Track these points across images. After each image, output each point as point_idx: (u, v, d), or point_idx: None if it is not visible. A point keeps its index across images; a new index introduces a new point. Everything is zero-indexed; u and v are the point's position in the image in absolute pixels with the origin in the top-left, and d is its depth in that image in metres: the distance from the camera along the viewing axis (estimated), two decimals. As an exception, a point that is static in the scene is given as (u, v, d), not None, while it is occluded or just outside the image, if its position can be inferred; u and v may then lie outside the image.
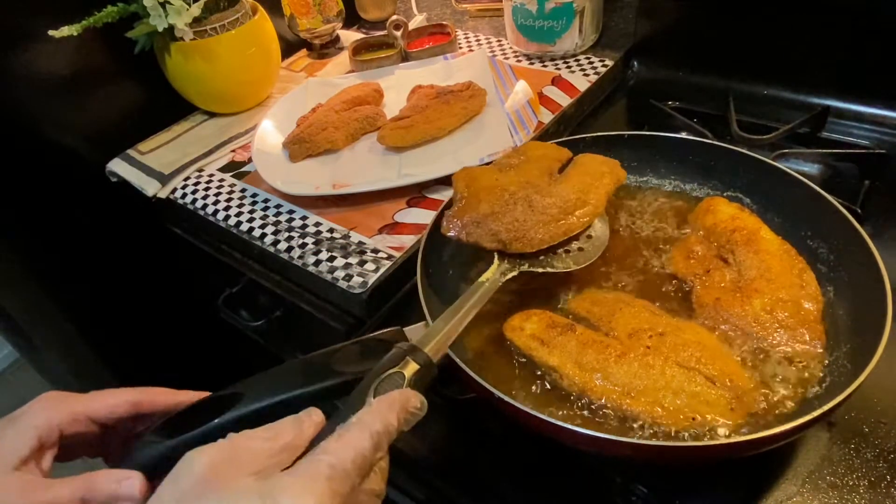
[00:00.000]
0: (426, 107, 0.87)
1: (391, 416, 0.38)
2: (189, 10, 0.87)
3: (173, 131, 1.02)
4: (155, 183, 0.92)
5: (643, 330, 0.52)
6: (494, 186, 0.60)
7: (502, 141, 0.81)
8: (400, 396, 0.40)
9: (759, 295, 0.53)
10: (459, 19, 1.20)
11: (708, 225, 0.61)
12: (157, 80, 0.97)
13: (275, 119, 0.94)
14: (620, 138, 0.69)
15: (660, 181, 0.70)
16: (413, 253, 0.70)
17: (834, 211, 0.55)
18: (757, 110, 0.82)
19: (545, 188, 0.59)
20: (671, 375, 0.48)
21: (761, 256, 0.56)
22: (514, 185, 0.60)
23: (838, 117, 0.79)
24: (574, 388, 0.50)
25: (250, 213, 0.83)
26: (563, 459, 0.52)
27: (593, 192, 0.59)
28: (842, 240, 0.54)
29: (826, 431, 0.50)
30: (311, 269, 0.73)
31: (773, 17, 0.81)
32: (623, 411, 0.48)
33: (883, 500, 0.46)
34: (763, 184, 0.63)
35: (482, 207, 0.58)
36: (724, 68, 0.87)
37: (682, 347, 0.50)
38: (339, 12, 1.11)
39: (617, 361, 0.50)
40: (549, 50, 0.98)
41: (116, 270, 1.04)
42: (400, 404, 0.39)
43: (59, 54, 0.89)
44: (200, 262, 0.92)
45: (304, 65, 1.15)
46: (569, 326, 0.53)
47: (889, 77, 0.76)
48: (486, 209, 0.57)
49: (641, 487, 0.49)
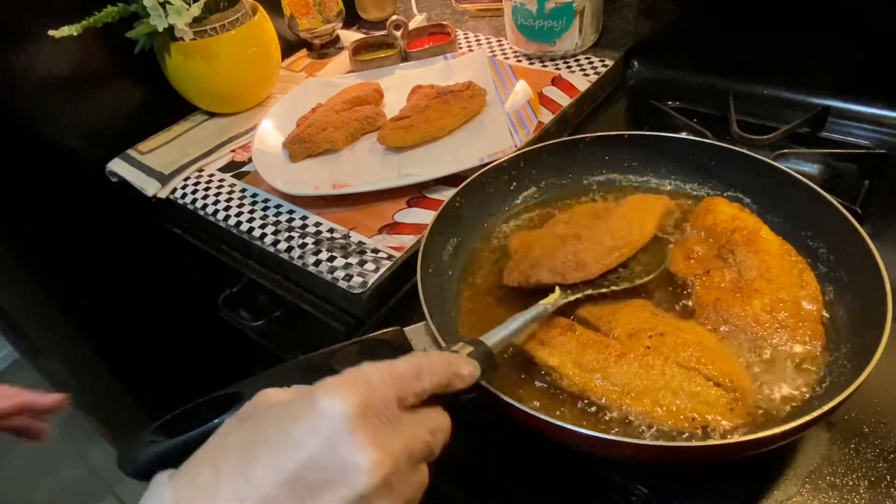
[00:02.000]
0: (426, 107, 0.87)
1: (438, 364, 0.38)
2: (189, 10, 0.87)
3: (173, 131, 1.02)
4: (155, 183, 0.92)
5: (643, 330, 0.52)
6: (545, 234, 0.62)
7: (502, 141, 0.81)
8: (454, 357, 0.40)
9: (759, 295, 0.53)
10: (459, 19, 1.20)
11: (708, 225, 0.61)
12: (157, 80, 0.97)
13: (275, 119, 0.94)
14: (621, 138, 0.69)
15: (660, 181, 0.69)
16: (413, 253, 0.70)
17: (834, 211, 0.55)
18: (757, 110, 0.82)
19: (593, 225, 0.61)
20: (671, 375, 0.48)
21: (761, 256, 0.56)
22: (563, 228, 0.62)
23: (838, 117, 0.79)
24: (574, 388, 0.50)
25: (250, 213, 0.83)
26: (564, 459, 0.52)
27: (643, 218, 0.60)
28: (842, 240, 0.54)
29: (826, 431, 0.50)
30: (311, 269, 0.73)
31: (773, 17, 0.81)
32: (623, 411, 0.48)
33: (883, 500, 0.46)
34: (763, 184, 0.63)
35: (536, 251, 0.59)
36: (724, 68, 0.87)
37: (682, 347, 0.50)
38: (339, 12, 1.11)
39: (617, 361, 0.50)
40: (549, 50, 0.98)
41: (116, 270, 1.04)
42: (450, 361, 0.39)
43: (59, 54, 0.89)
44: (200, 262, 0.92)
45: (304, 65, 1.14)
46: (569, 326, 0.53)
47: (889, 77, 0.76)
48: (540, 252, 0.59)
49: (641, 487, 0.49)
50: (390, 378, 0.35)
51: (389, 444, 0.32)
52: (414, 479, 0.34)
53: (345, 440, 0.31)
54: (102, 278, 1.03)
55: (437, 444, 0.36)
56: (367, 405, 0.32)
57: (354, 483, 0.30)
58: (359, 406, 0.32)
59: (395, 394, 0.34)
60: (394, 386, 0.35)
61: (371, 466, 0.30)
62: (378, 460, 0.31)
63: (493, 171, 0.68)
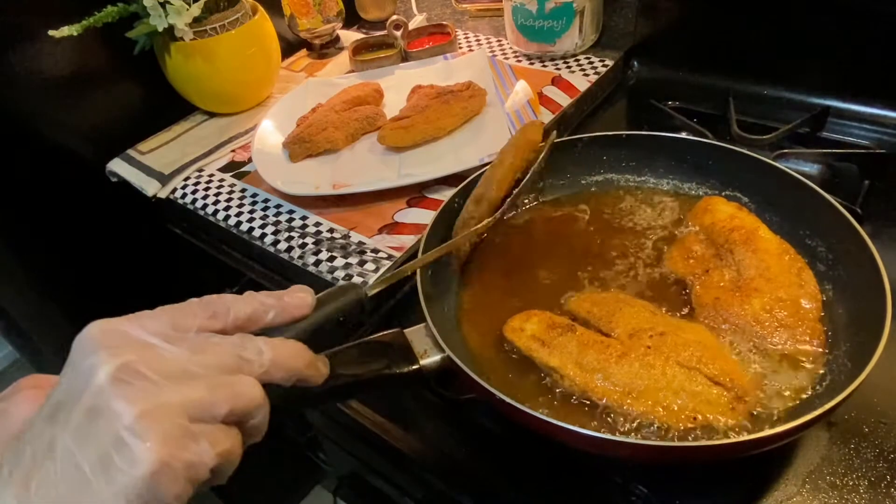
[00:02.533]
0: (426, 107, 0.87)
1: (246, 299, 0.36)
2: (189, 10, 0.87)
3: (173, 131, 1.02)
4: (155, 183, 0.92)
5: (643, 330, 0.52)
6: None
7: (502, 141, 0.81)
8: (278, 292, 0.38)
9: (759, 294, 0.53)
10: (459, 19, 1.20)
11: (706, 224, 0.61)
12: (157, 80, 0.97)
13: (275, 119, 0.94)
14: (619, 138, 0.69)
15: (658, 180, 0.69)
16: (413, 253, 0.70)
17: (833, 211, 0.55)
18: (757, 110, 0.82)
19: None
20: (672, 375, 0.48)
21: (760, 256, 0.56)
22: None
23: (838, 117, 0.79)
24: (575, 388, 0.50)
25: (250, 213, 0.83)
26: (563, 459, 0.52)
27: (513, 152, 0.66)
28: (841, 239, 0.54)
29: (826, 431, 0.50)
30: (311, 269, 0.73)
31: (774, 17, 0.81)
32: (624, 411, 0.48)
33: (883, 500, 0.46)
34: (762, 183, 0.62)
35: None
36: (724, 68, 0.87)
37: (682, 347, 0.50)
38: (339, 12, 1.11)
39: (618, 362, 0.50)
40: (549, 50, 0.98)
41: (117, 270, 1.04)
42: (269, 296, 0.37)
43: (59, 54, 0.89)
44: (200, 262, 0.92)
45: (304, 65, 1.14)
46: (569, 327, 0.53)
47: (889, 77, 0.76)
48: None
49: (641, 487, 0.49)
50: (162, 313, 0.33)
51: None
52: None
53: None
54: (102, 278, 1.03)
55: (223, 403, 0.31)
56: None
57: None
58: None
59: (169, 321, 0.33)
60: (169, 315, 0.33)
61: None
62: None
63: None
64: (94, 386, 0.29)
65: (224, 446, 0.31)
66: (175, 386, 0.30)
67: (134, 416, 0.28)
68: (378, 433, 0.59)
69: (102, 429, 0.28)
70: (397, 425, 0.59)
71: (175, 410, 0.29)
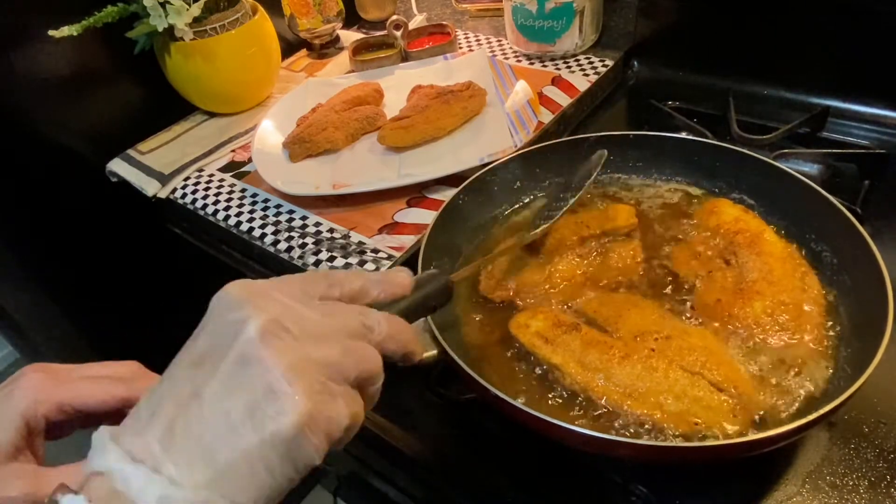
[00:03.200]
0: (426, 107, 0.87)
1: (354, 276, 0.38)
2: (189, 10, 0.87)
3: (173, 131, 1.01)
4: (155, 183, 0.92)
5: (649, 332, 0.52)
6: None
7: (502, 141, 0.81)
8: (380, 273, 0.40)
9: (761, 297, 0.53)
10: (459, 19, 1.20)
11: (712, 226, 0.61)
12: (157, 80, 0.97)
13: (275, 119, 0.94)
14: (626, 138, 0.69)
15: (664, 182, 0.69)
16: (413, 253, 0.70)
17: (834, 211, 0.55)
18: (757, 110, 0.82)
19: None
20: (674, 379, 0.48)
21: (763, 259, 0.56)
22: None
23: (838, 117, 0.79)
24: (576, 387, 0.50)
25: (250, 213, 0.83)
26: (563, 459, 0.52)
27: None
28: (844, 242, 0.54)
29: (826, 432, 0.50)
30: (311, 269, 0.73)
31: (773, 17, 0.81)
32: (624, 412, 0.48)
33: (883, 500, 0.46)
34: (768, 186, 0.62)
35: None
36: (724, 68, 0.87)
37: (687, 351, 0.50)
38: (339, 12, 1.11)
39: (620, 362, 0.50)
40: (549, 50, 0.98)
41: (116, 270, 1.04)
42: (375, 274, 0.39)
43: (59, 54, 0.88)
44: (200, 262, 0.92)
45: (304, 65, 1.14)
46: (574, 326, 0.53)
47: (889, 77, 0.76)
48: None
49: (641, 487, 0.49)
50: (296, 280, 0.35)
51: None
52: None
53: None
54: (102, 278, 1.03)
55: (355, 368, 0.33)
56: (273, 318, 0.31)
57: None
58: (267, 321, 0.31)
59: (316, 297, 0.35)
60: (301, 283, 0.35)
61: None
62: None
63: (496, 170, 0.68)
64: (243, 337, 0.30)
65: (354, 408, 0.32)
66: (315, 345, 0.31)
67: (283, 368, 0.29)
68: (378, 433, 0.59)
69: (252, 378, 0.29)
70: (397, 425, 0.59)
71: (317, 367, 0.31)
